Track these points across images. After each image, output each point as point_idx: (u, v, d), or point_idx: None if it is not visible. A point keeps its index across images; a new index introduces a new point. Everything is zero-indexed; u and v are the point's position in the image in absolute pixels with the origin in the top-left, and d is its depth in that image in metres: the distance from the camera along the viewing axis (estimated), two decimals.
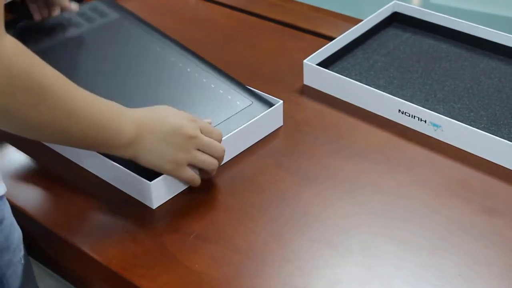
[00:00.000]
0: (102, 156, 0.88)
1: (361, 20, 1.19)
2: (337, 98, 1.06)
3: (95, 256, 0.80)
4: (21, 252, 0.83)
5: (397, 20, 1.22)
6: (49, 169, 0.94)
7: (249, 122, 0.94)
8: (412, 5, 1.22)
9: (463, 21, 1.16)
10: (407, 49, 1.15)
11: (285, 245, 0.80)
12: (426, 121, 0.96)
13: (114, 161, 0.87)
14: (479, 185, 0.89)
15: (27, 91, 0.69)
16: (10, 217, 0.80)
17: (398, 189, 0.88)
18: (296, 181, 0.90)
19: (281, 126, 1.00)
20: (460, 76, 1.08)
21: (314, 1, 1.34)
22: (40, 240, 0.88)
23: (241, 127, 0.93)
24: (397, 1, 1.22)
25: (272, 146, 0.97)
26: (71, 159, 0.94)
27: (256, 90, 0.99)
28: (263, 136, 0.97)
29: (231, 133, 0.92)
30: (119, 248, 0.81)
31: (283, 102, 0.98)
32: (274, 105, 0.97)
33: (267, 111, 0.96)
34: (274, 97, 0.99)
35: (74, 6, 1.06)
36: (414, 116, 0.98)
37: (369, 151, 0.95)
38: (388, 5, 1.21)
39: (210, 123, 0.88)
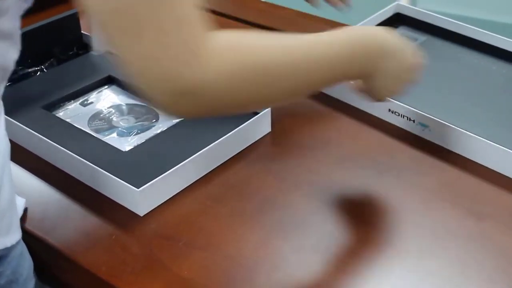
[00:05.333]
0: (89, 163, 0.88)
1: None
2: (325, 103, 1.06)
3: (84, 264, 0.80)
4: (32, 281, 0.79)
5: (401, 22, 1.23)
6: (34, 175, 0.94)
7: (236, 129, 0.94)
8: (413, 6, 1.22)
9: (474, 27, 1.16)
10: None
11: (274, 252, 0.80)
12: (415, 121, 0.97)
13: (101, 167, 0.87)
14: (467, 188, 0.89)
15: (253, 82, 0.65)
16: (20, 247, 0.76)
17: (386, 193, 0.88)
18: (285, 187, 0.90)
19: (269, 132, 1.00)
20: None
21: (305, 8, 1.33)
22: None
23: (229, 134, 0.93)
24: (399, 2, 1.22)
25: (261, 152, 0.96)
26: (57, 165, 0.94)
27: None
28: (251, 143, 0.97)
29: (219, 140, 0.92)
30: (108, 255, 0.80)
31: (271, 107, 0.98)
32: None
33: (254, 117, 0.96)
34: None
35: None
36: (403, 116, 0.98)
37: (357, 156, 0.95)
38: (389, 6, 1.22)
39: None
